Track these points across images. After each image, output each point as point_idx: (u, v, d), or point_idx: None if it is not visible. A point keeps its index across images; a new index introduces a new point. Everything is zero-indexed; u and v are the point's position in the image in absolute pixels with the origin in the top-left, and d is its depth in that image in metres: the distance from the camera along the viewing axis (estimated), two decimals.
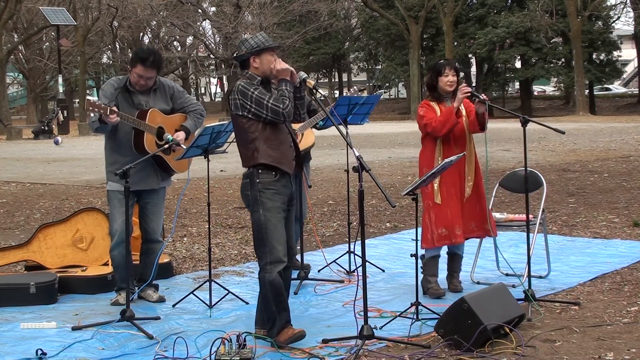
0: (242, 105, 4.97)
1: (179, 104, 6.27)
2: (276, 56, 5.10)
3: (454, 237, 6.18)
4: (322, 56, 56.56)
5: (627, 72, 67.59)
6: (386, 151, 20.77)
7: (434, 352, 4.81)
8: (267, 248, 4.96)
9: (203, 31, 50.20)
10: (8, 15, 36.87)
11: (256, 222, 5.00)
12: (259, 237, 5.01)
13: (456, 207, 6.20)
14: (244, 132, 5.03)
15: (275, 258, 4.96)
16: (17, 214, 11.26)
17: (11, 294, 6.19)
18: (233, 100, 5.01)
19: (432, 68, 6.38)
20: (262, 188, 4.97)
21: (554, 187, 12.29)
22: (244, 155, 5.07)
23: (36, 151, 24.34)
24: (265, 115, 4.94)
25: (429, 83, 6.36)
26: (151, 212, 6.26)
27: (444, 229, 6.17)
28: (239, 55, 5.11)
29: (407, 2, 46.51)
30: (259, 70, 5.08)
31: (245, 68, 5.13)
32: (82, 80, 44.83)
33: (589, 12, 41.10)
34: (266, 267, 4.96)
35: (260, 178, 4.98)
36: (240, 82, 5.03)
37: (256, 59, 5.06)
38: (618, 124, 31.50)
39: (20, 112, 57.70)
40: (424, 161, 6.30)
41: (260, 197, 4.97)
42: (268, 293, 4.98)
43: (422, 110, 6.26)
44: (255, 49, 5.04)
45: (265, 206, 4.96)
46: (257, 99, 4.94)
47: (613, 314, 5.58)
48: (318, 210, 10.91)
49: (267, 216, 4.96)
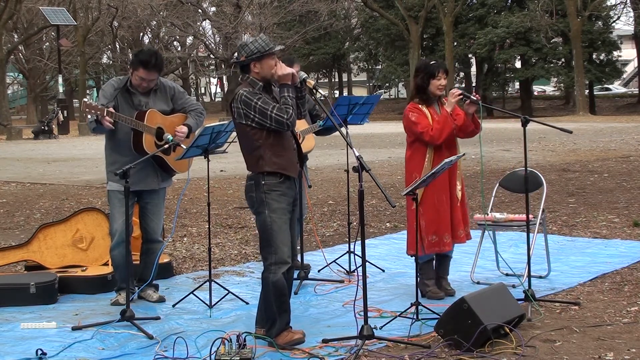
0: (246, 115, 4.93)
1: (180, 105, 6.27)
2: (277, 59, 5.05)
3: (443, 245, 6.15)
4: (322, 56, 56.56)
5: (627, 72, 67.59)
6: (386, 151, 20.77)
7: (434, 352, 4.81)
8: (273, 249, 4.96)
9: (203, 31, 50.21)
10: (8, 15, 36.87)
11: (262, 224, 4.99)
12: (264, 238, 5.00)
13: (446, 214, 6.15)
14: (248, 140, 5.00)
15: (280, 259, 4.96)
16: (17, 214, 11.27)
17: (11, 294, 6.19)
18: (236, 109, 4.96)
19: (424, 69, 6.16)
20: (267, 190, 4.96)
21: (554, 187, 12.29)
22: (248, 161, 5.05)
23: (36, 151, 24.34)
24: (269, 125, 4.91)
25: (420, 85, 6.17)
26: (151, 212, 6.26)
27: (434, 236, 6.12)
28: (238, 60, 5.04)
29: (407, 2, 46.52)
30: (259, 75, 5.01)
31: (245, 72, 5.07)
32: (82, 80, 44.81)
33: (589, 12, 41.10)
34: (271, 268, 4.96)
35: (266, 180, 4.97)
36: (243, 92, 4.94)
37: (257, 65, 4.99)
38: (618, 124, 31.50)
39: (20, 112, 57.69)
40: (413, 166, 6.16)
41: (266, 198, 4.96)
42: (270, 294, 4.98)
43: (414, 116, 6.10)
44: (256, 55, 4.97)
45: (271, 207, 4.96)
46: (260, 109, 4.89)
47: (613, 314, 5.58)
48: (318, 210, 10.91)
49: (273, 217, 4.95)
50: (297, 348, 4.90)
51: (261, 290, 5.10)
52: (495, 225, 6.75)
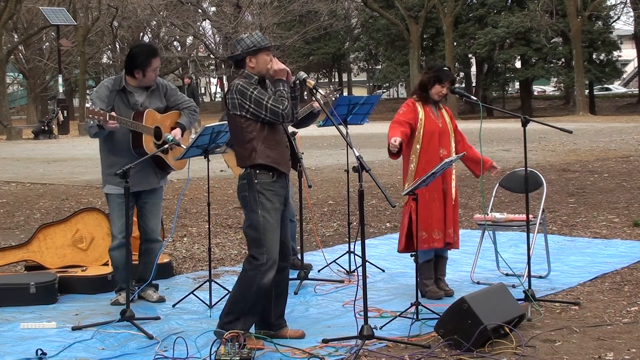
0: (241, 105, 4.93)
1: (173, 102, 6.30)
2: (272, 56, 5.07)
3: (432, 241, 6.15)
4: (322, 56, 56.53)
5: (627, 72, 67.61)
6: (386, 151, 20.73)
7: (434, 352, 4.81)
8: (265, 249, 4.93)
9: (203, 31, 50.16)
10: (8, 15, 36.83)
11: (254, 223, 4.96)
12: (256, 238, 4.96)
13: (438, 211, 6.16)
14: (241, 132, 4.99)
15: (272, 260, 4.94)
16: (17, 214, 11.27)
17: (11, 294, 6.19)
18: (231, 100, 4.97)
19: (435, 72, 6.23)
20: (261, 189, 4.94)
21: (554, 187, 12.29)
22: (240, 154, 5.04)
23: (36, 151, 24.33)
24: (264, 116, 4.92)
25: (425, 83, 6.23)
26: (149, 211, 6.26)
27: (424, 232, 6.12)
28: (234, 54, 5.09)
29: (407, 2, 46.49)
30: (255, 69, 5.04)
31: (240, 67, 5.09)
32: (82, 80, 44.78)
33: (589, 12, 41.08)
34: (261, 269, 4.92)
35: (259, 179, 4.95)
36: (239, 82, 4.99)
37: (252, 59, 5.03)
38: (618, 124, 31.48)
39: (20, 112, 57.62)
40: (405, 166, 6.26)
41: (259, 198, 4.94)
42: (251, 294, 4.91)
43: (402, 109, 6.22)
44: (252, 49, 5.01)
45: (264, 207, 4.94)
46: (256, 99, 4.91)
47: (613, 314, 5.58)
48: (318, 210, 10.91)
49: (266, 217, 4.94)
50: (297, 348, 4.90)
51: (238, 284, 5.00)
52: (495, 225, 6.75)
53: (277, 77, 5.02)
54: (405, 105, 6.27)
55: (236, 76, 5.16)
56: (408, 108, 6.22)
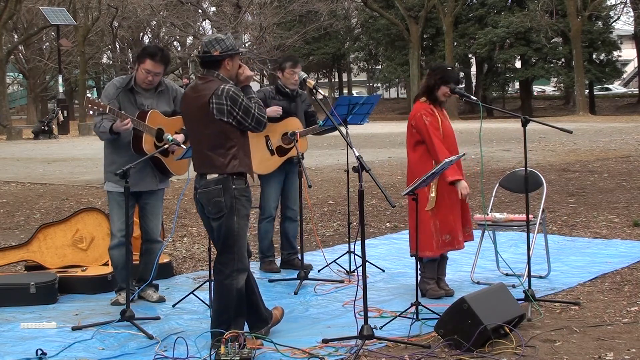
0: (229, 112, 4.77)
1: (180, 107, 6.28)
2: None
3: (457, 243, 6.18)
4: (322, 56, 56.52)
5: (627, 72, 67.62)
6: (386, 151, 20.76)
7: (434, 352, 4.81)
8: (236, 255, 4.88)
9: (203, 31, 50.17)
10: (8, 15, 36.83)
11: (228, 229, 4.85)
12: (228, 244, 4.87)
13: (458, 213, 6.19)
14: (223, 139, 4.82)
15: (243, 265, 4.92)
16: (17, 214, 11.27)
17: (11, 294, 6.19)
18: (218, 105, 4.76)
19: (441, 73, 6.18)
20: (238, 195, 4.85)
21: (554, 187, 12.29)
22: (217, 161, 4.83)
23: (36, 151, 24.33)
24: (248, 124, 4.83)
25: (432, 85, 6.16)
26: (150, 212, 6.26)
27: (448, 235, 6.13)
28: (212, 54, 4.86)
29: (407, 2, 46.51)
30: (229, 73, 4.91)
31: (213, 68, 4.89)
32: (82, 80, 44.80)
33: (589, 12, 41.11)
34: (233, 275, 4.87)
35: (236, 184, 4.85)
36: (229, 87, 4.79)
37: (230, 62, 4.89)
38: (618, 124, 31.50)
39: (20, 112, 57.64)
40: (423, 171, 5.88)
41: (235, 204, 4.84)
42: (233, 300, 4.88)
43: (428, 119, 6.06)
44: (231, 52, 4.87)
45: (240, 214, 4.86)
46: (245, 107, 4.79)
47: (613, 314, 5.58)
48: (318, 210, 10.91)
49: (241, 224, 4.87)
50: (297, 348, 4.90)
51: (218, 296, 4.94)
52: (495, 225, 6.75)
53: (246, 83, 4.95)
54: (425, 112, 6.10)
55: (210, 78, 4.88)
56: (432, 117, 6.10)
